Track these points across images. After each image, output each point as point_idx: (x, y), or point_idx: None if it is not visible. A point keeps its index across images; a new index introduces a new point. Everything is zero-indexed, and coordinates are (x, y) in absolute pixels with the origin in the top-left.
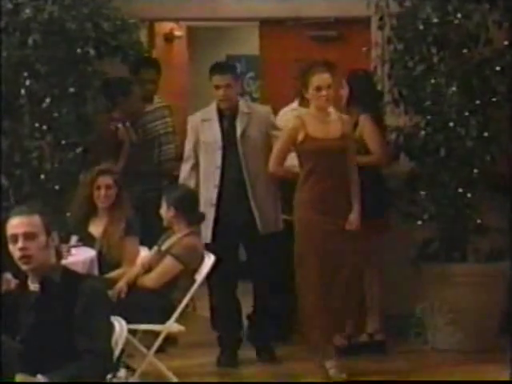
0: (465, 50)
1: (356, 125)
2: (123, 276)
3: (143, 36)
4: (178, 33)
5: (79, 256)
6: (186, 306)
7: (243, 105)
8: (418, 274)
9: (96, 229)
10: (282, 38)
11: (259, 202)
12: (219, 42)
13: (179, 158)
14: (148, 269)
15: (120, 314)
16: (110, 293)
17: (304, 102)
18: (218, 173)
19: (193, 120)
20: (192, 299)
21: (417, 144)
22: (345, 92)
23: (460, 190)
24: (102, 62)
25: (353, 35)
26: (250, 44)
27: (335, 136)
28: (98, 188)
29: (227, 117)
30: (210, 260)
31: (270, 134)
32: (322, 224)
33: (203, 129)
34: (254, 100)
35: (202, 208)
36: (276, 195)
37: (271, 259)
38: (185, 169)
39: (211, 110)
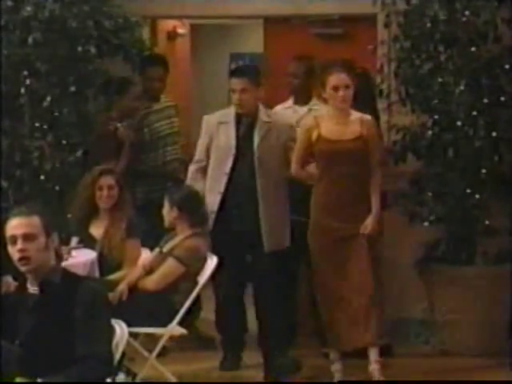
0: (473, 48)
1: None
2: (124, 278)
3: (145, 34)
4: (181, 31)
5: (80, 258)
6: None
7: (264, 113)
8: (424, 277)
9: (97, 230)
10: (287, 35)
11: (268, 218)
12: (223, 39)
13: (186, 160)
14: (149, 271)
15: (121, 317)
16: (110, 295)
17: (299, 100)
18: (225, 179)
19: (209, 121)
20: (199, 301)
21: (424, 144)
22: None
23: (468, 191)
24: (104, 60)
25: (358, 33)
26: (254, 42)
27: (351, 137)
28: (100, 188)
29: (245, 123)
30: (212, 262)
31: (287, 145)
32: (335, 230)
33: (218, 132)
34: None
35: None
36: (286, 211)
37: (274, 276)
38: (192, 170)
39: (229, 113)
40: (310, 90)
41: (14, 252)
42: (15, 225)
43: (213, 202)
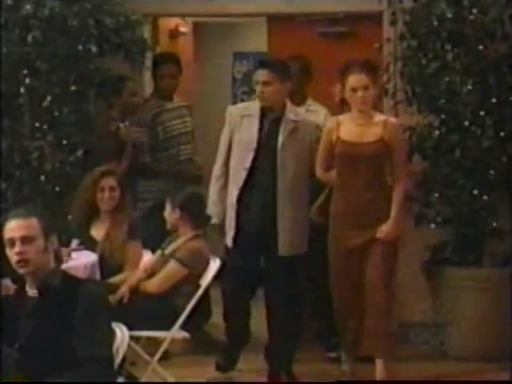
0: (480, 47)
1: None
2: (125, 281)
3: (147, 32)
4: (183, 29)
5: (80, 260)
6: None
7: (291, 110)
8: (431, 279)
9: (98, 232)
10: (291, 34)
11: (285, 219)
12: (226, 38)
13: (198, 161)
14: (151, 273)
15: (122, 321)
16: (111, 298)
17: (294, 101)
18: (243, 175)
19: (233, 113)
20: (208, 305)
21: (430, 144)
22: (337, 89)
23: (475, 192)
24: (104, 59)
25: (364, 31)
26: (257, 41)
27: (371, 140)
28: (102, 190)
29: (270, 118)
30: (215, 264)
31: (313, 147)
32: (351, 238)
33: (241, 125)
34: None
35: (227, 209)
36: (306, 214)
37: (287, 281)
38: (217, 161)
39: (254, 107)
40: (305, 90)
41: (12, 255)
42: (13, 227)
43: (232, 197)
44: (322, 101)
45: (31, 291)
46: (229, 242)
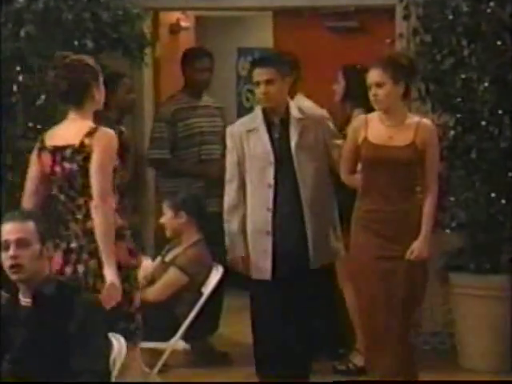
0: (498, 42)
1: (348, 121)
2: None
3: (146, 27)
4: (184, 24)
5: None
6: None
7: (294, 108)
8: (446, 287)
9: None
10: (298, 29)
11: (316, 230)
12: (230, 33)
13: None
14: (150, 281)
15: (119, 331)
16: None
17: None
18: (270, 193)
19: (234, 132)
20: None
21: (445, 145)
22: (340, 87)
23: (493, 196)
24: (102, 55)
25: (375, 26)
26: (262, 36)
27: (400, 144)
28: None
29: (276, 124)
30: (218, 272)
31: (328, 143)
32: (375, 248)
33: (249, 141)
34: None
35: (252, 237)
36: (335, 218)
37: (319, 294)
38: (230, 190)
39: (256, 118)
40: (294, 85)
41: (5, 259)
42: (9, 229)
43: (263, 221)
44: (326, 99)
45: (24, 300)
46: (266, 275)
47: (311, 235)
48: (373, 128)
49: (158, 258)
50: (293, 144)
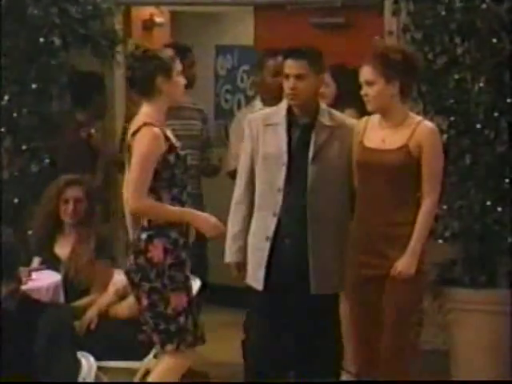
0: (494, 40)
1: None
2: (93, 304)
3: (118, 23)
4: (158, 19)
5: (42, 281)
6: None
7: (325, 114)
8: (438, 302)
9: (62, 249)
10: (281, 25)
11: (319, 251)
12: (207, 30)
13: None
14: (123, 296)
15: (89, 349)
16: (77, 324)
17: (267, 100)
18: (279, 197)
19: (252, 122)
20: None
21: None
22: (331, 90)
23: (488, 204)
24: (69, 53)
25: (363, 22)
26: (243, 33)
27: (393, 147)
28: (66, 201)
29: (300, 125)
30: (195, 285)
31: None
32: (363, 266)
33: (265, 136)
34: (248, 98)
35: (253, 241)
36: (343, 243)
37: (318, 321)
38: (238, 184)
39: (279, 113)
40: (279, 88)
41: None
42: None
43: (266, 226)
44: None
45: None
46: (258, 284)
47: (313, 260)
48: (370, 130)
49: None
50: (311, 152)
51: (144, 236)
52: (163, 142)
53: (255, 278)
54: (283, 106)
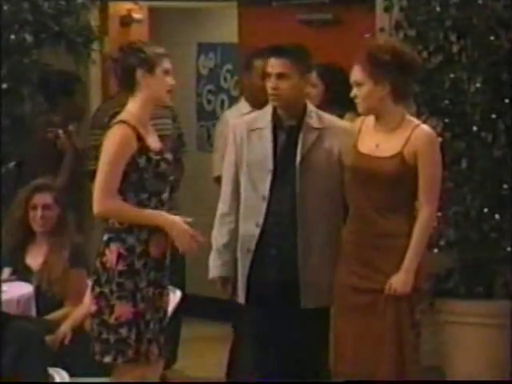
0: (491, 37)
1: None
2: (67, 317)
3: (93, 19)
4: (137, 15)
5: (12, 293)
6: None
7: (312, 115)
8: (433, 314)
9: (34, 259)
10: (266, 22)
11: (309, 263)
12: (188, 27)
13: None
14: None
15: (62, 365)
16: (50, 338)
17: (254, 102)
18: (263, 207)
19: (236, 127)
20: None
21: None
22: (318, 91)
23: (485, 210)
24: (42, 51)
25: (353, 19)
26: (226, 30)
27: (385, 154)
28: (34, 208)
29: (286, 128)
30: (175, 297)
31: (345, 161)
32: (353, 280)
33: (250, 142)
34: (231, 99)
35: (238, 254)
36: (335, 253)
37: (312, 339)
38: (224, 195)
39: (264, 117)
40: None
41: None
42: None
43: (249, 237)
44: None
45: None
46: (241, 297)
47: (302, 268)
48: (365, 133)
49: None
50: (298, 156)
51: (104, 238)
52: (134, 142)
53: (238, 290)
54: (268, 109)
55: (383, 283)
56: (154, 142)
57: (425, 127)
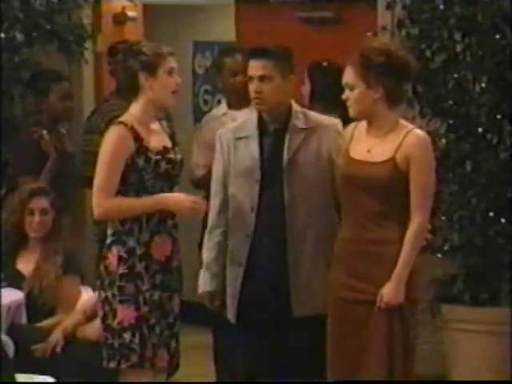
0: (497, 36)
1: None
2: (59, 325)
3: (86, 17)
4: (131, 13)
5: (3, 299)
6: None
7: (299, 116)
8: (437, 321)
9: (25, 265)
10: (264, 19)
11: (300, 271)
12: (184, 25)
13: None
14: (91, 316)
15: (54, 374)
16: (41, 346)
17: (234, 103)
18: (252, 218)
19: (223, 137)
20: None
21: (436, 155)
22: (306, 89)
23: (491, 214)
24: (33, 50)
25: (354, 17)
26: (223, 28)
27: (377, 159)
28: (31, 213)
29: (272, 133)
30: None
31: (335, 163)
32: (346, 288)
33: (237, 151)
34: None
35: (228, 269)
36: (328, 259)
37: (305, 348)
38: (213, 207)
39: (249, 124)
40: (243, 89)
41: None
42: None
43: (238, 250)
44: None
45: None
46: (231, 315)
47: (294, 277)
48: (357, 139)
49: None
50: (285, 157)
51: (107, 242)
52: (131, 142)
53: (229, 309)
54: (254, 115)
55: (375, 294)
56: (156, 141)
57: (418, 132)
